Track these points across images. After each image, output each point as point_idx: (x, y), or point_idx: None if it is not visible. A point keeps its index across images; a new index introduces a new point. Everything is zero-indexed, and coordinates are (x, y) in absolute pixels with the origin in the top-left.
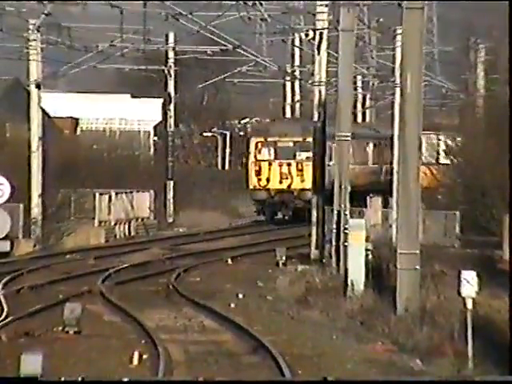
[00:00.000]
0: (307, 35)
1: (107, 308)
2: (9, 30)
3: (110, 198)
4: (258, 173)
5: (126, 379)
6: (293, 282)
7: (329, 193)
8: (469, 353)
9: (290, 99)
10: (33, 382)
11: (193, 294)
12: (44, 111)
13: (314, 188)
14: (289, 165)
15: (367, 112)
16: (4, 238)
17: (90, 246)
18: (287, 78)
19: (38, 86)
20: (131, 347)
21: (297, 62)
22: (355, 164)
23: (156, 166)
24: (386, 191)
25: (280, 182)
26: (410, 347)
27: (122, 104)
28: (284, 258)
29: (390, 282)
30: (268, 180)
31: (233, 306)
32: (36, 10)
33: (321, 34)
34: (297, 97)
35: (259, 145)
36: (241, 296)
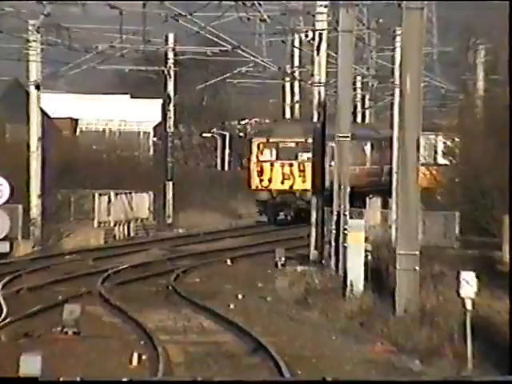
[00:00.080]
0: (307, 36)
1: (106, 309)
2: (8, 31)
3: (110, 199)
4: (260, 173)
5: (125, 379)
6: (292, 283)
7: (328, 193)
8: (468, 354)
9: (289, 100)
10: (32, 383)
11: (192, 295)
12: (43, 112)
13: (313, 189)
14: (291, 165)
15: (367, 112)
16: (3, 239)
17: (89, 246)
18: (287, 79)
19: (38, 87)
20: (130, 348)
21: (296, 62)
22: (353, 165)
23: (155, 167)
24: (385, 192)
25: (282, 183)
26: (409, 348)
27: (122, 105)
28: (283, 258)
29: (389, 283)
30: (270, 181)
31: (232, 306)
32: (35, 10)
33: (320, 34)
34: (296, 97)
35: (261, 146)
36: (240, 297)
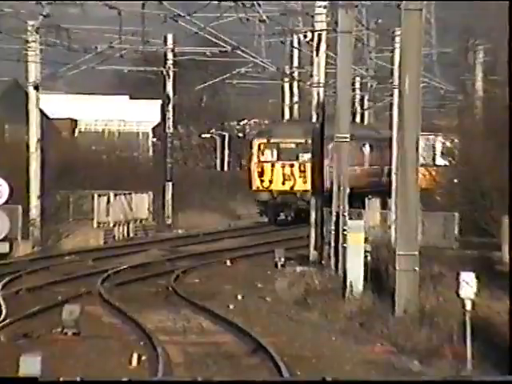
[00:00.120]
0: (306, 36)
1: (106, 309)
2: (8, 32)
3: (109, 200)
4: (261, 174)
5: (125, 379)
6: (292, 284)
7: (328, 194)
8: (468, 354)
9: (288, 100)
10: (32, 383)
11: (192, 296)
12: (43, 112)
13: (313, 189)
14: (291, 166)
15: (366, 113)
16: (3, 240)
17: (88, 247)
18: (286, 80)
19: (37, 88)
20: (130, 348)
21: (295, 63)
22: (352, 165)
23: (155, 168)
24: (385, 192)
25: (283, 184)
26: (408, 349)
27: (121, 105)
28: (283, 259)
29: (388, 284)
30: (271, 181)
31: (232, 307)
32: (35, 11)
33: (319, 35)
34: (295, 98)
35: (262, 146)
36: (240, 297)
